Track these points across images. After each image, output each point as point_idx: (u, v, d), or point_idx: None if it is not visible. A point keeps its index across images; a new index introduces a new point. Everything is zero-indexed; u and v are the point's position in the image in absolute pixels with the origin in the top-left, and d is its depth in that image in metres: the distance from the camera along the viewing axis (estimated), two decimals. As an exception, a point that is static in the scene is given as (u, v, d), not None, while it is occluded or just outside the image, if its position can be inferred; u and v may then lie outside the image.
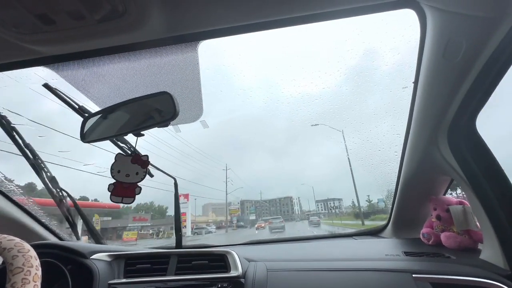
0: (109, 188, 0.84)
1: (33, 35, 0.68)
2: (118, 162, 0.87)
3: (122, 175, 0.85)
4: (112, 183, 0.85)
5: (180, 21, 0.70)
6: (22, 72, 0.89)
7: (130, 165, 0.86)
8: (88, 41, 0.72)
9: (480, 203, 0.96)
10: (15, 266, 0.55)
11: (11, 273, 0.54)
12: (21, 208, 1.38)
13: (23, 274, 0.55)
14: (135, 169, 0.86)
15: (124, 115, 0.94)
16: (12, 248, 0.58)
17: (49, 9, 0.60)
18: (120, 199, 0.84)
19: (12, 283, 0.53)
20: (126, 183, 0.85)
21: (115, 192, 0.84)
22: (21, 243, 0.61)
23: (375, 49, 1.40)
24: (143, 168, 0.87)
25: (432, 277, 0.92)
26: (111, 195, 0.84)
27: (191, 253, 1.16)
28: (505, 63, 0.73)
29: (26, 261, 0.57)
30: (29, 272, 0.56)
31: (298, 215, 51.67)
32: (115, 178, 0.85)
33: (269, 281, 0.98)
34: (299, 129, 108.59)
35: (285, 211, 58.71)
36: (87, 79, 0.90)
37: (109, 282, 1.01)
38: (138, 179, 0.86)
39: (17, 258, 0.57)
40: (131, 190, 0.85)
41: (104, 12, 0.63)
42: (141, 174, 0.86)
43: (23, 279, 0.54)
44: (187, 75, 0.93)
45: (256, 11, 0.69)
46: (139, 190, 0.85)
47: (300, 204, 57.38)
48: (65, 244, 1.09)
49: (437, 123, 0.99)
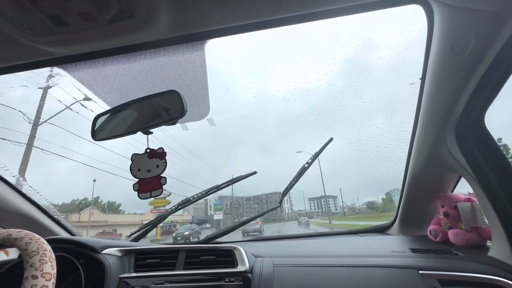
0: (135, 188, 0.87)
1: (46, 36, 0.70)
2: (135, 161, 0.90)
3: (143, 171, 0.88)
4: (136, 182, 0.88)
5: (188, 20, 0.72)
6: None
7: (148, 161, 0.88)
8: (99, 42, 0.74)
9: (488, 200, 0.95)
10: (31, 250, 0.58)
11: (27, 257, 0.57)
12: (33, 203, 1.43)
13: (39, 256, 0.57)
14: (154, 162, 0.88)
15: (133, 114, 0.96)
16: (23, 237, 0.61)
17: (62, 11, 0.62)
18: (148, 194, 0.86)
19: (31, 264, 0.55)
20: (150, 178, 0.87)
21: (141, 189, 0.87)
22: (30, 233, 0.64)
23: (382, 46, 1.39)
24: (162, 159, 0.89)
25: (439, 273, 0.92)
26: (139, 194, 0.86)
27: (199, 249, 1.18)
28: None
29: (40, 246, 0.60)
30: (45, 254, 0.59)
31: (288, 214, 45.91)
32: (137, 177, 0.88)
33: (276, 276, 1.00)
34: (303, 127, 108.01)
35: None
36: (97, 78, 0.92)
37: (120, 276, 1.03)
38: (160, 171, 0.88)
39: (30, 244, 0.59)
40: (157, 182, 0.87)
41: (114, 13, 0.64)
42: (162, 165, 0.88)
43: (41, 259, 0.57)
44: (195, 73, 0.95)
45: (264, 9, 0.70)
46: (165, 180, 0.87)
47: (290, 202, 51.59)
48: (78, 239, 1.12)
49: (444, 119, 0.98)
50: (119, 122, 0.98)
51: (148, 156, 0.88)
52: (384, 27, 1.10)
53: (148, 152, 0.88)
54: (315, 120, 2.97)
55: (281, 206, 1.79)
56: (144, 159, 0.88)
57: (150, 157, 0.88)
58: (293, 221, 32.61)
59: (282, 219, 42.87)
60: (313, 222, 24.46)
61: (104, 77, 0.92)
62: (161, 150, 0.89)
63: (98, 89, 0.97)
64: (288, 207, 49.46)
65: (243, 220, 1.99)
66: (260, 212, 2.04)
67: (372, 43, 1.39)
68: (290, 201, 50.32)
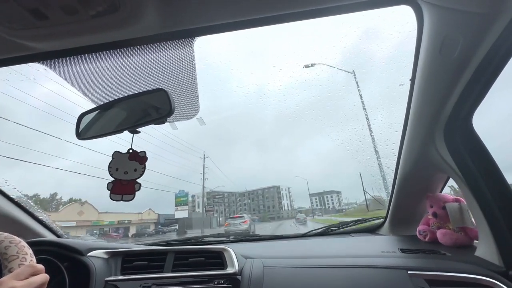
0: (108, 187, 0.84)
1: (26, 30, 0.67)
2: (115, 160, 0.87)
3: (121, 172, 0.85)
4: (111, 182, 0.85)
5: (176, 16, 0.70)
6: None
7: (127, 162, 0.86)
8: (82, 37, 0.71)
9: (475, 201, 0.96)
10: (10, 254, 0.56)
11: (6, 261, 0.55)
12: (17, 204, 1.38)
13: (19, 260, 0.55)
14: (133, 165, 0.86)
15: (120, 112, 0.94)
16: (3, 241, 0.59)
17: (42, 4, 0.59)
18: (120, 197, 0.84)
19: (9, 269, 0.53)
20: (125, 181, 0.85)
21: (114, 190, 0.84)
22: (10, 235, 0.61)
23: (372, 46, 1.40)
24: (141, 164, 0.87)
25: (427, 273, 0.93)
26: (111, 194, 0.84)
27: (188, 250, 1.16)
28: (502, 60, 0.73)
29: (20, 249, 0.58)
30: (25, 258, 0.57)
31: (288, 212, 40.06)
32: (113, 176, 0.85)
33: (266, 278, 0.99)
34: (298, 124, 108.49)
35: (269, 206, 43.80)
36: (81, 75, 0.89)
37: (106, 279, 1.01)
38: (137, 175, 0.85)
39: (10, 248, 0.57)
40: (131, 186, 0.85)
41: (98, 7, 0.62)
42: (140, 170, 0.86)
43: (20, 264, 0.55)
44: (183, 71, 0.93)
45: (253, 6, 0.68)
46: (139, 186, 0.85)
47: (290, 197, 45.42)
48: (62, 241, 1.09)
49: (433, 120, 0.99)
50: (105, 120, 0.95)
51: (129, 158, 0.86)
52: (374, 28, 1.10)
53: (130, 153, 0.86)
54: (306, 120, 2.97)
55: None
56: (125, 159, 0.86)
57: (131, 159, 0.86)
58: (291, 219, 29.79)
59: (281, 217, 38.58)
60: (311, 220, 24.13)
61: (89, 74, 0.89)
62: (143, 154, 0.86)
63: (82, 86, 0.94)
64: (288, 203, 44.23)
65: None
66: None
67: (363, 44, 1.40)
68: (290, 196, 45.46)
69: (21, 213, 1.40)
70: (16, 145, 10.28)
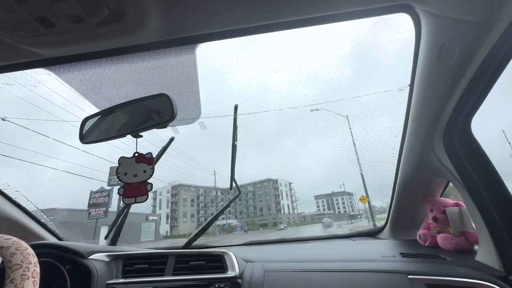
0: (120, 192, 0.85)
1: (33, 37, 0.69)
2: (122, 165, 0.88)
3: (130, 176, 0.87)
4: (122, 186, 0.86)
5: (179, 24, 0.71)
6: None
7: (135, 165, 0.87)
8: (87, 44, 0.73)
9: (475, 205, 0.97)
10: (14, 263, 0.56)
11: (10, 270, 0.55)
12: (20, 207, 1.39)
13: (22, 270, 0.56)
14: (142, 167, 0.87)
15: (123, 117, 0.95)
16: (10, 246, 0.59)
17: (49, 12, 0.61)
18: (133, 199, 0.85)
19: (11, 279, 0.54)
20: (136, 183, 0.86)
21: (126, 194, 0.86)
22: (18, 241, 0.62)
23: (371, 52, 1.42)
24: (150, 165, 0.88)
25: (428, 278, 0.93)
26: (123, 198, 0.85)
27: (189, 254, 1.17)
28: (498, 67, 0.74)
29: (25, 258, 0.58)
30: (28, 268, 0.57)
31: (289, 217, 29.80)
32: (123, 180, 0.86)
33: (266, 282, 0.99)
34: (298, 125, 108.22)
35: (261, 207, 32.13)
36: (86, 81, 0.91)
37: (107, 282, 1.01)
38: (147, 176, 0.87)
39: (15, 256, 0.57)
40: (142, 188, 0.86)
41: (103, 15, 0.64)
42: (149, 171, 0.87)
43: (22, 275, 0.55)
44: (186, 77, 0.94)
45: (254, 14, 0.70)
46: (151, 186, 0.86)
47: (291, 196, 36.24)
48: (64, 244, 1.10)
49: (432, 126, 1.00)
50: (108, 125, 0.96)
51: (136, 161, 0.87)
52: (373, 35, 1.12)
53: (136, 156, 0.87)
54: (307, 124, 2.99)
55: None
56: (132, 163, 0.87)
57: (138, 162, 0.87)
58: (300, 226, 24.92)
59: (279, 221, 29.04)
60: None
61: (93, 79, 0.91)
62: (150, 156, 0.88)
63: (86, 92, 0.96)
64: (289, 204, 33.73)
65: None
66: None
67: (362, 50, 1.41)
68: (291, 195, 36.40)
69: (23, 216, 1.41)
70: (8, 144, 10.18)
